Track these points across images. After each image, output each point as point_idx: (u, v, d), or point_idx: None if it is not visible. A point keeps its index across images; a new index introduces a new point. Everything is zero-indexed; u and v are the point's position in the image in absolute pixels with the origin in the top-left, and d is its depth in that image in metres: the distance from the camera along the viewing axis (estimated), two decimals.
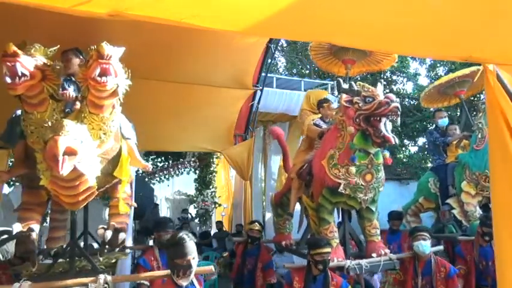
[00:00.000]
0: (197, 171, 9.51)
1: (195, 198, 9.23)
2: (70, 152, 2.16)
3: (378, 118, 3.32)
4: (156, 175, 9.90)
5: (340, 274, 3.48)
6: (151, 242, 7.76)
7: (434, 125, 6.06)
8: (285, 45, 16.27)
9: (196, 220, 9.17)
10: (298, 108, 7.39)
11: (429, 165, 10.84)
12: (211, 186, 9.04)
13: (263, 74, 6.15)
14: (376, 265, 3.59)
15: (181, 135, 6.25)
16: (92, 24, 3.74)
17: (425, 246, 3.68)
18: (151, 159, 9.79)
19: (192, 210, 9.96)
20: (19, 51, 2.25)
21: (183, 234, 2.36)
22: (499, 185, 1.80)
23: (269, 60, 6.16)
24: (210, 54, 4.98)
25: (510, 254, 1.72)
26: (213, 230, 8.52)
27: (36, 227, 2.67)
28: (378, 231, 3.91)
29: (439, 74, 13.87)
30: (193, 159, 9.60)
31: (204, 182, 9.06)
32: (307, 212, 4.33)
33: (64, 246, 3.17)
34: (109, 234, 2.79)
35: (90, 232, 3.33)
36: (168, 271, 2.46)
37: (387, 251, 3.78)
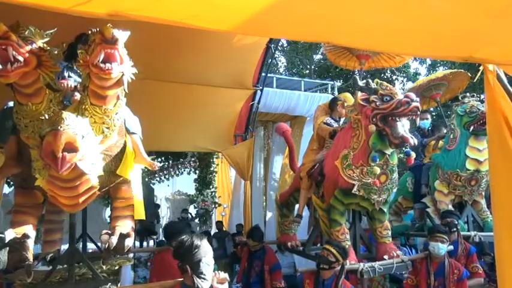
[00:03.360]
0: (197, 171, 9.50)
1: (195, 198, 9.22)
2: (70, 149, 1.91)
3: (396, 118, 3.19)
4: (156, 175, 9.89)
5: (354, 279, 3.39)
6: (151, 243, 7.78)
7: (417, 127, 6.17)
8: (285, 45, 16.27)
9: (196, 220, 9.16)
10: (299, 108, 7.44)
11: None
12: (211, 186, 9.03)
13: (263, 74, 6.14)
14: (389, 267, 3.51)
15: (182, 135, 6.25)
16: (92, 25, 3.74)
17: (442, 248, 3.64)
18: (151, 159, 9.77)
19: (192, 210, 9.96)
20: (12, 34, 1.97)
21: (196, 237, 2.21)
22: (499, 185, 1.80)
23: (269, 60, 6.16)
24: (210, 54, 4.98)
25: (510, 253, 1.72)
26: (213, 230, 8.51)
27: (32, 232, 2.42)
28: (389, 233, 3.82)
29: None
30: (193, 159, 9.59)
31: (204, 182, 9.05)
32: (316, 212, 4.24)
33: (60, 250, 2.93)
34: (114, 240, 2.47)
35: (89, 235, 3.13)
36: (180, 279, 2.29)
37: (399, 252, 3.71)
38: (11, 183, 7.64)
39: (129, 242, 2.52)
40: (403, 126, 3.23)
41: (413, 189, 5.66)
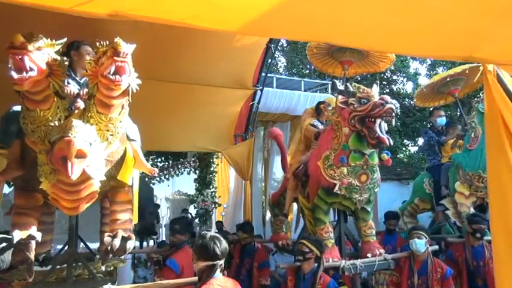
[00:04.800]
0: (197, 171, 9.50)
1: (195, 198, 9.22)
2: (80, 155, 2.02)
3: (373, 119, 3.34)
4: (156, 175, 9.90)
5: (333, 275, 3.49)
6: (151, 243, 7.79)
7: (430, 124, 5.98)
8: (285, 45, 16.28)
9: (196, 220, 9.16)
10: (299, 108, 7.44)
11: None
12: (211, 186, 9.03)
13: (263, 74, 6.15)
14: (371, 265, 3.63)
15: (182, 135, 6.25)
16: (92, 25, 3.74)
17: (419, 244, 3.71)
18: (151, 159, 9.78)
19: (192, 210, 9.96)
20: (28, 44, 2.06)
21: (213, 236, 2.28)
22: (496, 185, 1.80)
23: (269, 60, 6.16)
24: (210, 54, 4.98)
25: (507, 256, 1.72)
26: (213, 230, 8.51)
27: (38, 234, 2.50)
28: (374, 232, 3.93)
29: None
30: (193, 159, 9.59)
31: (204, 182, 9.04)
32: (303, 212, 4.35)
33: (50, 250, 2.99)
34: (117, 242, 2.56)
35: (80, 236, 3.15)
36: (194, 278, 2.31)
37: (382, 251, 3.81)
38: (11, 183, 7.65)
39: (130, 245, 2.62)
40: (379, 127, 3.35)
41: (431, 191, 5.43)
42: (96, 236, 3.57)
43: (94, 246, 3.81)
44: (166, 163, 10.06)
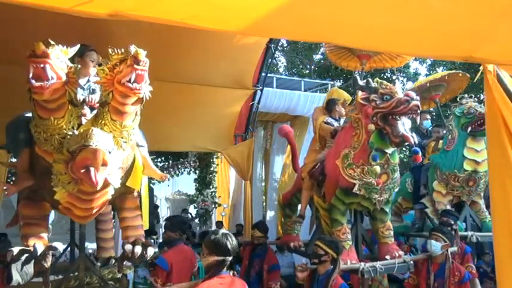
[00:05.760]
0: (197, 171, 9.50)
1: (195, 198, 9.22)
2: (103, 163, 2.04)
3: (397, 117, 3.19)
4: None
5: (342, 276, 3.36)
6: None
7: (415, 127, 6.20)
8: (285, 45, 16.27)
9: (196, 220, 9.16)
10: (299, 108, 7.44)
11: None
12: (211, 186, 9.03)
13: (263, 74, 6.14)
14: (391, 267, 3.50)
15: (182, 135, 6.25)
16: (92, 25, 3.74)
17: (434, 245, 3.67)
18: (151, 159, 9.80)
19: (192, 210, 9.96)
20: (48, 52, 2.06)
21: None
22: (498, 185, 1.79)
23: (269, 60, 6.16)
24: (210, 54, 4.98)
25: (509, 254, 1.72)
26: None
27: (58, 244, 2.53)
28: (392, 233, 3.80)
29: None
30: (193, 159, 9.59)
31: (204, 182, 9.05)
32: (318, 212, 4.22)
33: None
34: (138, 250, 2.59)
35: (76, 242, 3.14)
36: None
37: (401, 253, 3.69)
38: (11, 183, 7.66)
39: (150, 252, 2.66)
40: (403, 124, 3.22)
41: (412, 190, 5.68)
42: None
43: (92, 246, 3.79)
44: (166, 163, 10.06)
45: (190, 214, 9.67)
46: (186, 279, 2.75)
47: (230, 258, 2.26)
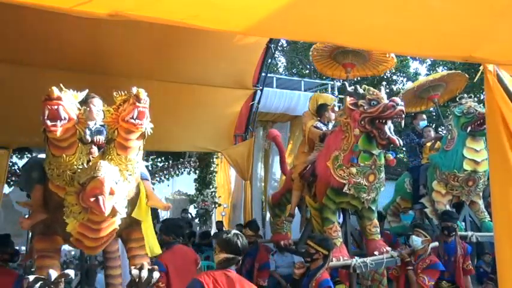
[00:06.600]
0: (197, 171, 9.49)
1: (195, 198, 9.21)
2: (110, 192, 2.25)
3: (383, 121, 3.39)
4: (156, 175, 9.88)
5: (330, 272, 3.54)
6: None
7: (412, 127, 6.27)
8: (285, 45, 16.28)
9: (196, 220, 9.16)
10: (299, 108, 7.44)
11: None
12: (211, 186, 9.02)
13: (263, 74, 6.15)
14: (380, 262, 3.71)
15: (182, 135, 6.25)
16: (93, 25, 3.74)
17: (416, 240, 3.89)
18: (152, 159, 9.78)
19: (192, 210, 9.95)
20: (62, 95, 2.30)
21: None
22: (498, 185, 1.79)
23: (269, 60, 6.17)
24: (210, 54, 4.99)
25: (510, 254, 1.72)
26: (213, 230, 8.51)
27: (71, 272, 2.71)
28: (378, 230, 4.02)
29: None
30: (193, 159, 9.59)
31: (204, 182, 9.04)
32: (307, 212, 4.41)
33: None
34: (144, 273, 2.80)
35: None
36: None
37: (388, 248, 3.88)
38: (11, 182, 7.67)
39: (156, 275, 2.87)
40: (389, 128, 3.42)
41: (411, 190, 5.69)
42: None
43: None
44: (166, 163, 10.04)
45: (190, 214, 9.67)
46: (188, 276, 2.81)
47: (240, 258, 2.40)
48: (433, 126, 5.99)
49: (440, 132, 6.06)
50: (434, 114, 10.18)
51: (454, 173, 4.81)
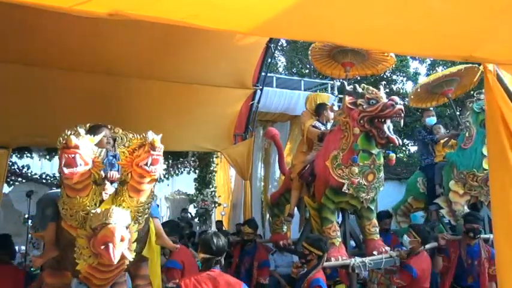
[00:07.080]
0: (197, 171, 9.49)
1: (194, 198, 9.21)
2: (120, 239, 2.32)
3: (382, 120, 3.38)
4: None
5: (329, 273, 3.61)
6: None
7: (423, 125, 6.03)
8: (284, 44, 16.26)
9: (196, 220, 9.15)
10: (298, 107, 7.43)
11: None
12: (211, 186, 9.02)
13: (263, 74, 6.15)
14: (379, 262, 3.70)
15: (182, 135, 6.24)
16: (93, 24, 3.74)
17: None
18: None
19: (192, 210, 9.95)
20: (79, 143, 2.35)
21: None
22: (498, 185, 1.80)
23: (269, 60, 6.16)
24: (210, 54, 4.99)
25: (510, 256, 1.72)
26: (213, 230, 8.51)
27: None
28: (377, 230, 4.00)
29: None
30: (193, 159, 9.58)
31: (204, 181, 9.03)
32: (306, 212, 4.38)
33: None
34: None
35: None
36: None
37: (387, 248, 3.87)
38: (11, 182, 7.67)
39: None
40: (388, 127, 3.40)
41: (426, 190, 5.43)
42: None
43: None
44: (166, 163, 10.04)
45: (190, 214, 9.67)
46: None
47: (218, 258, 2.47)
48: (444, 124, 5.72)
49: (448, 131, 5.79)
50: (448, 111, 9.81)
51: (473, 172, 4.54)
